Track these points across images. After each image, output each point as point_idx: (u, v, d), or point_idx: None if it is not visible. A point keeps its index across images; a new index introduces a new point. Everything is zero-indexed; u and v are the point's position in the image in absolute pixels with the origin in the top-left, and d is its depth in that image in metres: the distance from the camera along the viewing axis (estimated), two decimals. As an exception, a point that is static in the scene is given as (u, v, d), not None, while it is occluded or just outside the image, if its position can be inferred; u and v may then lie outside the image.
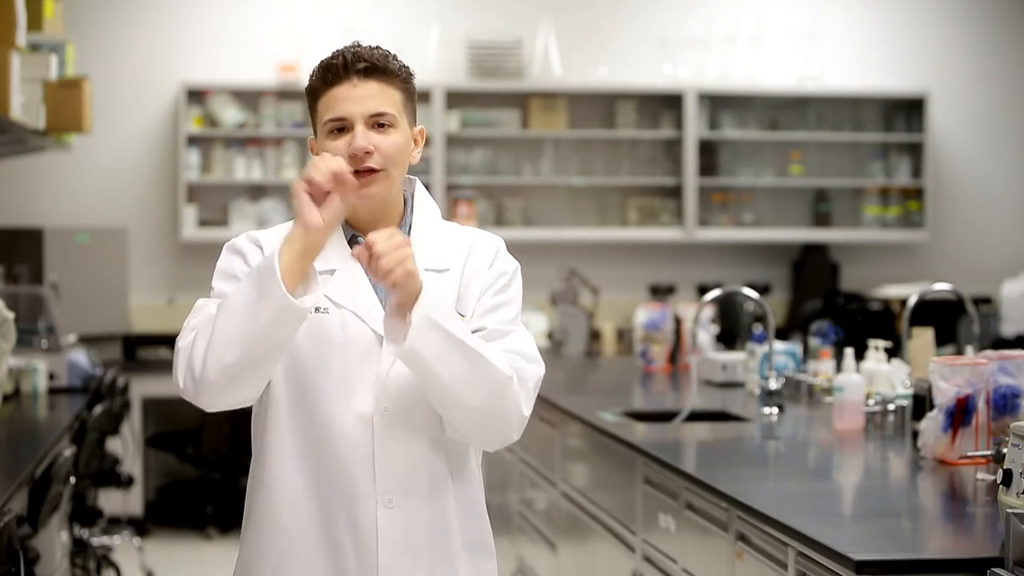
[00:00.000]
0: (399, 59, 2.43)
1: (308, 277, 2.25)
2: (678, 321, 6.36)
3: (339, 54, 2.38)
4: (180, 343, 2.29)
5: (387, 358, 2.35)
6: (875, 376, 4.42)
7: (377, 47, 2.41)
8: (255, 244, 2.42)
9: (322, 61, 2.39)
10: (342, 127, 2.36)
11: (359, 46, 2.40)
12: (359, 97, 2.36)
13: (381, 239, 2.22)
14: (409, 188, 2.50)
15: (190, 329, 2.29)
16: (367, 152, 2.34)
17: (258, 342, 2.23)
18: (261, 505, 2.40)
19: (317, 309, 2.36)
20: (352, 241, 2.42)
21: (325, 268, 2.38)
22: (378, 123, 2.36)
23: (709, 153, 8.39)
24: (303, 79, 7.78)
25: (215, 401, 2.29)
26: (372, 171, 2.35)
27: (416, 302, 2.23)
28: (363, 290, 2.39)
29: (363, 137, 2.34)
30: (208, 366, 2.23)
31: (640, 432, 4.40)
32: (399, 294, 2.24)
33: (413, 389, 2.34)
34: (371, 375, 2.34)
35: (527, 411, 2.36)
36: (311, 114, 2.43)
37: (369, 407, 2.35)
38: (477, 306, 2.42)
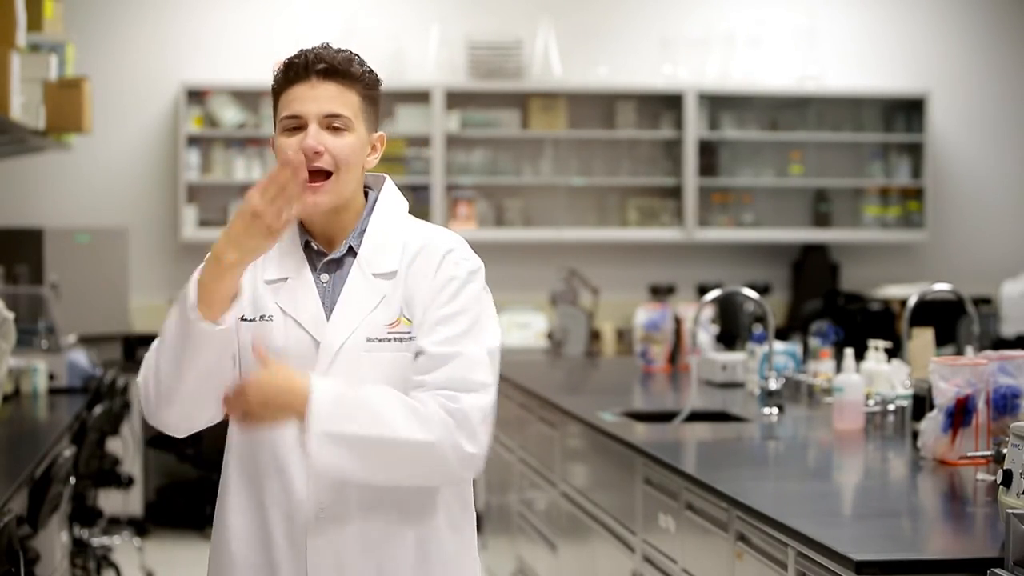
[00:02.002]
0: (366, 64, 2.41)
1: (238, 294, 2.27)
2: (678, 321, 6.36)
3: (302, 53, 2.38)
4: (138, 379, 2.35)
5: (322, 366, 2.33)
6: (875, 376, 4.42)
7: (346, 50, 2.40)
8: None
9: (286, 59, 2.40)
10: (297, 125, 2.35)
11: (326, 47, 2.39)
12: (316, 97, 2.35)
13: (253, 390, 2.23)
14: (377, 186, 2.48)
15: (144, 363, 2.35)
16: (316, 152, 2.32)
17: (187, 368, 2.27)
18: (220, 505, 2.44)
19: (262, 316, 2.37)
20: (306, 247, 2.41)
21: (278, 276, 2.39)
22: (332, 125, 2.35)
23: (709, 153, 8.39)
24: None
25: (176, 427, 2.36)
26: (321, 173, 2.33)
27: (307, 419, 2.21)
28: (310, 299, 2.37)
29: (314, 136, 2.33)
30: (159, 397, 2.30)
31: (640, 432, 4.40)
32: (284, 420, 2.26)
33: None
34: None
35: (474, 448, 2.28)
36: (273, 111, 2.43)
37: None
38: (424, 318, 2.35)
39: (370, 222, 2.42)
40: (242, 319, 2.36)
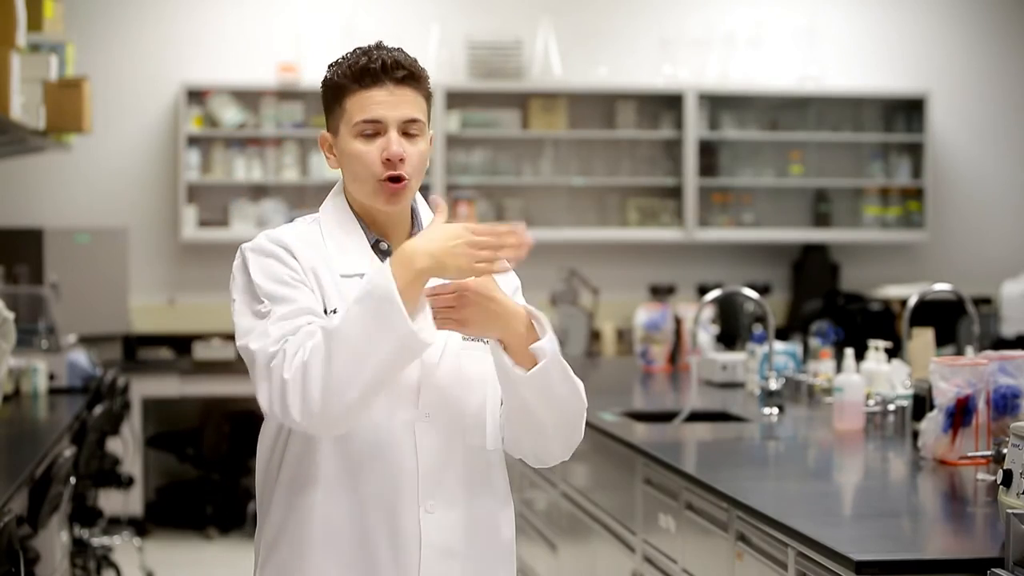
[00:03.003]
0: (421, 65, 2.41)
1: (420, 300, 2.21)
2: (678, 321, 6.37)
3: (377, 57, 2.35)
4: (286, 374, 2.19)
5: (430, 363, 2.34)
6: (875, 376, 4.42)
7: (399, 49, 2.39)
8: (282, 248, 2.35)
9: (355, 60, 2.35)
10: (374, 131, 2.35)
11: (388, 49, 2.37)
12: (395, 103, 2.34)
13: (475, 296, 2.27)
14: None
15: (291, 356, 2.20)
16: (401, 159, 2.33)
17: (381, 376, 2.19)
18: (295, 510, 2.35)
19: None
20: (375, 246, 2.40)
21: (355, 272, 2.36)
22: (407, 131, 2.36)
23: (709, 153, 8.38)
24: (303, 79, 7.81)
25: (334, 430, 2.27)
26: (400, 179, 2.34)
27: (544, 337, 2.29)
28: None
29: (399, 143, 2.33)
30: (331, 402, 2.18)
31: (640, 432, 4.40)
32: (510, 329, 2.28)
33: (452, 396, 2.36)
34: (410, 381, 2.33)
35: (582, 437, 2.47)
36: (331, 110, 2.39)
37: (411, 413, 2.34)
38: None
39: (425, 225, 2.44)
40: (334, 311, 2.32)
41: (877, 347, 4.53)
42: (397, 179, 2.34)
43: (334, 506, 2.33)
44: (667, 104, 8.33)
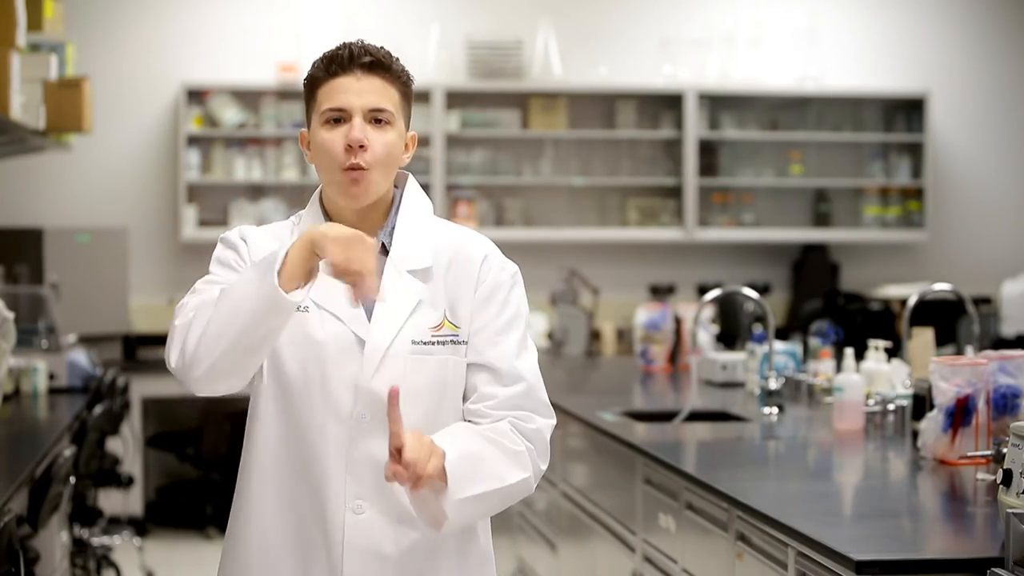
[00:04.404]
0: (401, 62, 2.42)
1: (310, 277, 2.23)
2: (678, 321, 6.37)
3: (345, 46, 2.36)
4: (177, 321, 2.28)
5: (369, 364, 2.33)
6: (875, 376, 4.42)
7: (381, 47, 2.40)
8: (241, 239, 2.41)
9: (326, 52, 2.38)
10: (339, 118, 2.34)
11: (363, 42, 2.38)
12: (361, 91, 2.34)
13: (410, 447, 2.17)
14: (401, 184, 2.48)
15: (189, 309, 2.29)
16: (362, 146, 2.32)
17: (246, 332, 2.22)
18: (242, 501, 2.43)
19: (298, 308, 2.34)
20: None
21: None
22: (375, 119, 2.35)
23: (709, 153, 8.39)
24: (303, 79, 7.67)
25: (201, 385, 2.28)
26: (359, 168, 2.33)
27: (445, 491, 2.22)
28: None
29: (360, 129, 2.32)
30: (200, 351, 2.23)
31: (640, 432, 4.40)
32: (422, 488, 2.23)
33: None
34: (350, 378, 2.33)
35: (545, 465, 2.39)
36: (307, 104, 2.41)
37: (346, 409, 2.34)
38: (479, 327, 2.38)
39: (399, 219, 2.42)
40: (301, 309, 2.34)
41: (877, 347, 4.53)
42: (349, 168, 2.32)
43: (271, 500, 2.38)
44: (667, 104, 8.34)
